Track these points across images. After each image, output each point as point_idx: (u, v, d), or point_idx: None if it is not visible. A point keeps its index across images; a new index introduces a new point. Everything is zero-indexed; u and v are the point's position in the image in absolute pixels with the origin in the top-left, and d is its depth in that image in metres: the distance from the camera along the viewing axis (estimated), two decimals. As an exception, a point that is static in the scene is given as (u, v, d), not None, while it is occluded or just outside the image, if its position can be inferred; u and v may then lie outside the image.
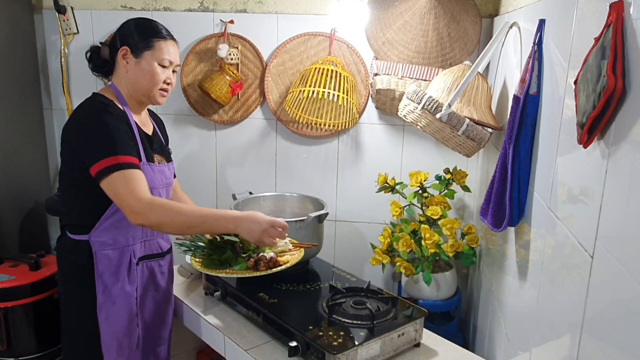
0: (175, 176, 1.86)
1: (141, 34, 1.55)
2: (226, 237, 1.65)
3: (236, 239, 1.65)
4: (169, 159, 1.72)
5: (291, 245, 1.69)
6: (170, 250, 1.76)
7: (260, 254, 1.63)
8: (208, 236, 1.71)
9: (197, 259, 1.65)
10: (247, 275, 1.56)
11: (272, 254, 1.64)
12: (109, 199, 1.48)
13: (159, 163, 1.63)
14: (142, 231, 1.62)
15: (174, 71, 1.62)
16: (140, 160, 1.52)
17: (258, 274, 1.55)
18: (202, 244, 1.69)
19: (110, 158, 1.42)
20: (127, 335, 1.62)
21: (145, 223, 1.43)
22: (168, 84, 1.60)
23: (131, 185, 1.41)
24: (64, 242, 1.60)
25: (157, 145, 1.68)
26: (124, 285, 1.58)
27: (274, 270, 1.56)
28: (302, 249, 1.68)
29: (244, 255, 1.63)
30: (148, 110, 1.79)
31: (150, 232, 1.65)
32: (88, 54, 1.65)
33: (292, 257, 1.64)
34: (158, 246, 1.70)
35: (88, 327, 1.57)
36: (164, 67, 1.57)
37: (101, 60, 1.63)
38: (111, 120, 1.47)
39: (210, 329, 1.69)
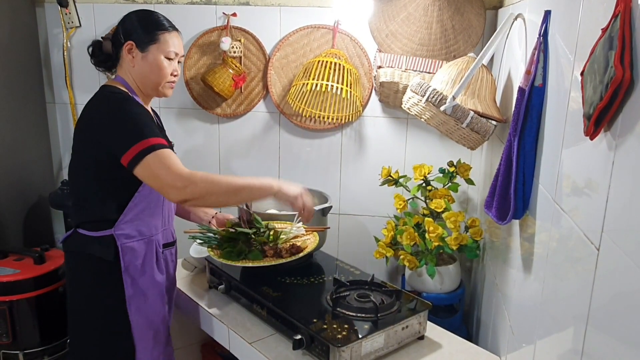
0: None
1: (145, 28, 1.54)
2: (239, 229, 1.66)
3: (249, 231, 1.65)
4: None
5: (304, 229, 1.71)
6: (176, 239, 1.77)
7: (276, 243, 1.65)
8: (214, 225, 1.73)
9: (214, 251, 1.64)
10: (272, 263, 1.56)
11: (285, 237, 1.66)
12: (132, 191, 1.50)
13: None
14: (162, 220, 1.62)
15: (178, 62, 1.61)
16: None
17: (283, 260, 1.56)
18: (213, 235, 1.68)
19: (140, 143, 1.40)
20: (163, 322, 1.63)
21: (188, 197, 1.41)
22: (175, 75, 1.59)
23: (167, 163, 1.40)
24: (81, 241, 1.55)
25: (163, 137, 1.67)
26: (154, 275, 1.59)
27: (298, 256, 1.58)
28: (316, 233, 1.70)
29: (256, 244, 1.63)
30: None
31: (167, 221, 1.66)
32: (90, 49, 1.64)
33: (310, 243, 1.66)
34: (171, 235, 1.71)
35: (107, 323, 1.56)
36: (170, 59, 1.56)
37: (104, 54, 1.62)
38: (133, 107, 1.48)
39: (214, 322, 1.69)
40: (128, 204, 1.52)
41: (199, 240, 1.68)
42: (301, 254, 1.58)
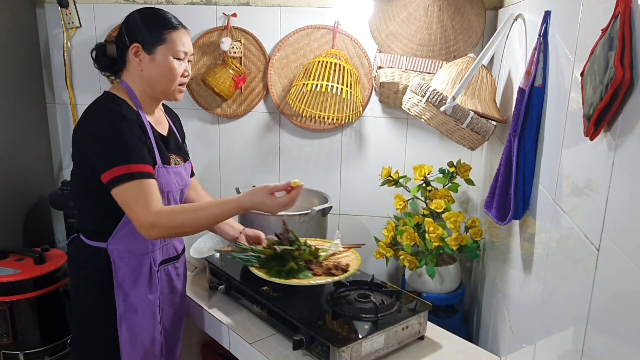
0: (193, 174, 1.79)
1: (150, 28, 1.45)
2: (282, 247, 1.61)
3: (294, 248, 1.61)
4: (186, 158, 1.65)
5: (342, 247, 1.71)
6: (183, 251, 1.72)
7: (321, 260, 1.63)
8: (260, 246, 1.69)
9: (260, 270, 1.58)
10: (330, 281, 1.53)
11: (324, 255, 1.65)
12: None
13: (175, 164, 1.56)
14: None
15: (188, 60, 1.52)
16: (155, 164, 1.46)
17: (338, 278, 1.53)
18: (253, 254, 1.63)
19: (123, 166, 1.35)
20: (152, 344, 1.57)
21: (153, 237, 1.39)
22: (185, 76, 1.51)
23: (145, 198, 1.36)
24: (79, 248, 1.53)
25: (173, 145, 1.60)
26: (146, 294, 1.53)
27: (349, 273, 1.55)
28: (355, 251, 1.71)
29: (301, 262, 1.60)
30: (163, 105, 1.70)
31: None
32: (93, 53, 1.54)
33: (351, 260, 1.65)
34: (174, 249, 1.65)
35: (105, 334, 1.52)
36: (179, 59, 1.48)
37: (109, 59, 1.53)
38: (125, 126, 1.40)
39: (214, 323, 1.69)
40: (122, 219, 1.47)
41: (240, 260, 1.61)
42: (352, 271, 1.56)
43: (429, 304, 1.58)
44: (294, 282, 1.52)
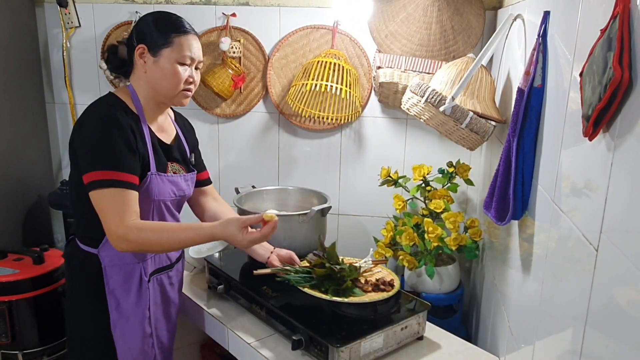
0: (210, 183, 1.78)
1: (159, 30, 1.43)
2: (339, 267, 1.58)
3: (344, 266, 1.59)
4: (189, 169, 1.62)
5: (372, 263, 1.71)
6: (179, 259, 1.69)
7: (361, 277, 1.62)
8: (301, 263, 1.66)
9: (313, 289, 1.53)
10: (385, 297, 1.50)
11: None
12: None
13: (173, 173, 1.54)
14: None
15: (196, 68, 1.50)
16: (148, 170, 1.45)
17: (390, 294, 1.51)
18: (296, 274, 1.59)
19: (105, 172, 1.34)
20: (142, 354, 1.55)
21: (128, 248, 1.37)
22: (190, 83, 1.48)
23: (120, 208, 1.34)
24: (74, 251, 1.52)
25: (176, 154, 1.58)
26: (135, 304, 1.51)
27: (395, 289, 1.54)
28: (385, 266, 1.73)
29: (350, 280, 1.58)
30: (176, 113, 1.69)
31: None
32: (106, 55, 1.55)
33: (390, 275, 1.66)
34: (167, 258, 1.62)
35: (101, 339, 1.50)
36: (184, 65, 1.45)
37: (119, 60, 1.52)
38: (117, 132, 1.37)
39: (213, 323, 1.69)
40: None
41: (292, 282, 1.56)
42: (397, 286, 1.56)
43: (428, 304, 1.58)
44: (360, 299, 1.48)
